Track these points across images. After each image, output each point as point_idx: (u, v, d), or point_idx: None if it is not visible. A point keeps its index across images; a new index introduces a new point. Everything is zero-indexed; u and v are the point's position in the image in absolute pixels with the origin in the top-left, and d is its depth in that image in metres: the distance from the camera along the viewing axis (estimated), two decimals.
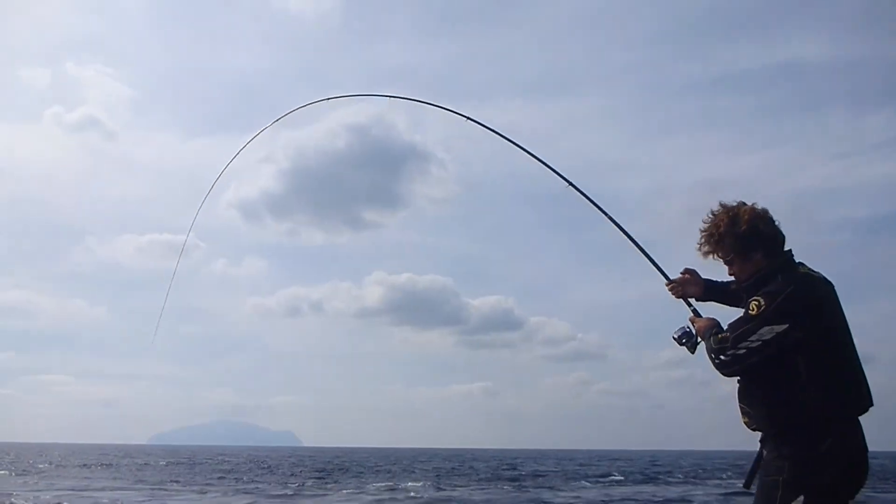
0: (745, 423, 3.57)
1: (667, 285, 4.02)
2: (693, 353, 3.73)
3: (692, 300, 3.95)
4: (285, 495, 25.78)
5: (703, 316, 3.82)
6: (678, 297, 3.97)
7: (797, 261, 3.57)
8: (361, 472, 44.65)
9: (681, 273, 4.01)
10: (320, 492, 27.59)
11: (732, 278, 3.77)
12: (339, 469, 48.74)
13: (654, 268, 4.14)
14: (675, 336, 3.81)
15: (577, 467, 54.75)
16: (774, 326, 3.30)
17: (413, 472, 45.57)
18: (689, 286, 3.97)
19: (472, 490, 28.70)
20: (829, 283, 3.51)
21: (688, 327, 3.80)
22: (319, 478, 37.44)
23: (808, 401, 3.33)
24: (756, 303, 3.37)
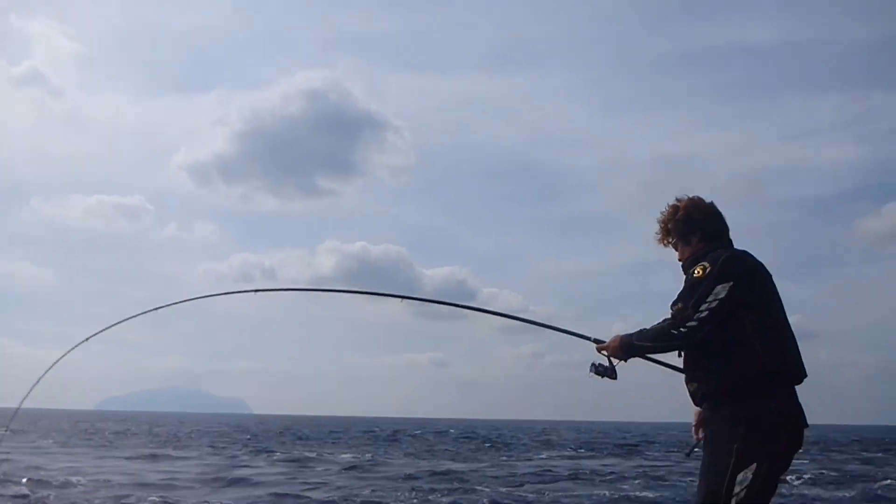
0: (691, 391, 3.72)
1: (601, 349, 3.98)
2: (615, 378, 3.86)
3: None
4: (186, 458, 24.06)
5: (604, 340, 3.91)
6: (621, 357, 3.90)
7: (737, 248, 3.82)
8: (299, 440, 43.43)
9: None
10: (225, 461, 25.88)
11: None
12: (275, 437, 47.32)
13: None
14: (592, 371, 3.91)
15: (528, 438, 54.10)
16: (724, 283, 3.50)
17: (356, 441, 44.40)
18: (616, 351, 3.94)
19: (401, 459, 27.31)
20: (762, 265, 3.75)
21: (595, 363, 3.91)
22: (248, 446, 35.93)
23: (758, 358, 3.49)
24: (701, 267, 3.60)
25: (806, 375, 3.64)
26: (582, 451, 37.30)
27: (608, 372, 3.89)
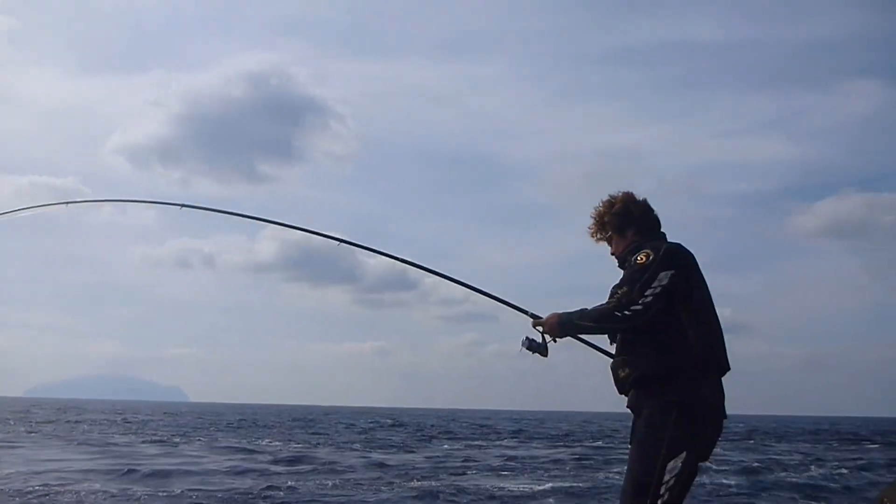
0: (622, 376, 3.71)
1: (536, 324, 3.99)
2: (546, 356, 3.85)
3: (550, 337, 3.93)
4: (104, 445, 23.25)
5: (541, 316, 3.92)
6: (558, 335, 3.93)
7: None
8: (230, 428, 42.66)
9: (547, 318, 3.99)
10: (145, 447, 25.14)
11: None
12: (210, 425, 46.39)
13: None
14: (524, 346, 3.87)
15: (463, 427, 54.16)
16: (667, 271, 3.59)
17: (288, 430, 43.77)
18: (551, 328, 3.96)
19: (326, 450, 26.92)
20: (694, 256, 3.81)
21: (528, 337, 3.88)
22: (182, 433, 35.11)
23: (691, 348, 3.56)
24: (644, 254, 3.68)
25: (730, 369, 3.72)
26: (517, 439, 37.46)
27: (540, 348, 3.89)
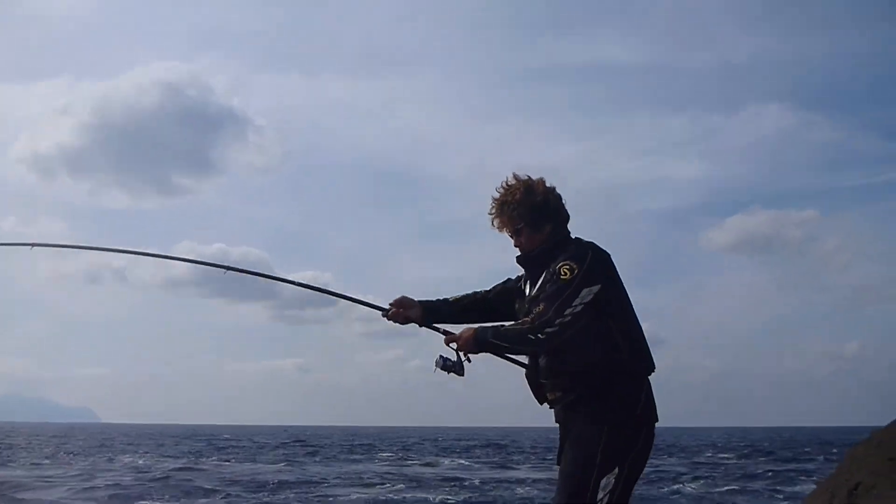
0: (552, 399, 3.50)
1: (384, 315, 3.87)
2: (462, 375, 3.56)
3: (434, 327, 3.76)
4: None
5: (455, 332, 3.60)
6: (403, 323, 3.85)
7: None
8: (127, 449, 41.70)
9: (391, 304, 3.86)
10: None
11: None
12: (102, 446, 45.25)
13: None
14: (438, 367, 3.58)
15: (383, 444, 54.11)
16: (591, 287, 3.31)
17: (188, 448, 43.03)
18: (408, 309, 3.82)
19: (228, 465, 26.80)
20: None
21: (442, 356, 3.58)
22: (74, 453, 34.29)
23: (624, 361, 3.39)
24: (567, 267, 3.35)
25: (655, 368, 3.52)
26: (441, 455, 37.71)
27: (455, 367, 3.57)
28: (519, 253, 3.65)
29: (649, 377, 3.48)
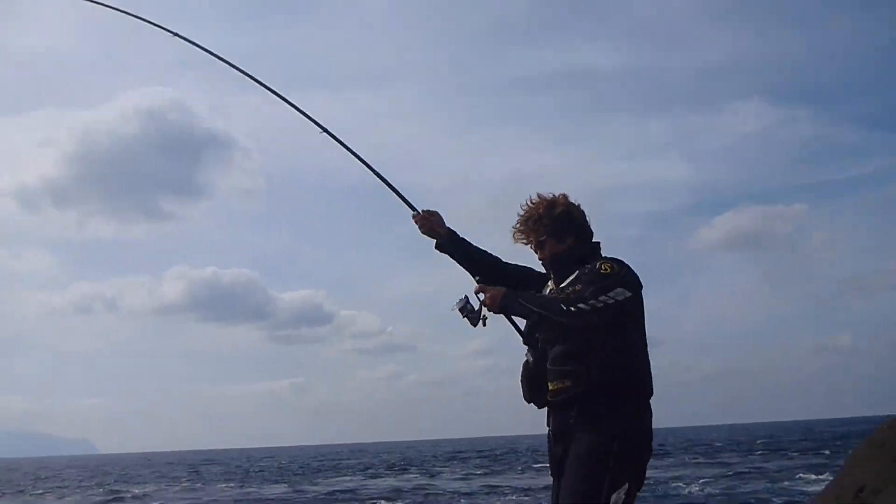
0: (558, 388, 3.45)
1: (414, 217, 3.98)
2: (475, 325, 3.59)
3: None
4: None
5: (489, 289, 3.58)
6: (425, 232, 3.93)
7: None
8: (122, 479, 41.21)
9: (423, 210, 3.98)
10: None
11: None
12: (91, 477, 44.70)
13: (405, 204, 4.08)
14: (457, 307, 3.62)
15: (376, 460, 53.84)
16: (626, 290, 3.37)
17: (194, 475, 42.61)
18: (436, 223, 3.93)
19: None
20: None
21: (467, 298, 3.62)
22: (60, 486, 33.80)
23: (635, 375, 3.43)
24: (608, 265, 3.43)
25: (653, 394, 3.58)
26: (438, 468, 37.46)
27: (471, 315, 3.61)
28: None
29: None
